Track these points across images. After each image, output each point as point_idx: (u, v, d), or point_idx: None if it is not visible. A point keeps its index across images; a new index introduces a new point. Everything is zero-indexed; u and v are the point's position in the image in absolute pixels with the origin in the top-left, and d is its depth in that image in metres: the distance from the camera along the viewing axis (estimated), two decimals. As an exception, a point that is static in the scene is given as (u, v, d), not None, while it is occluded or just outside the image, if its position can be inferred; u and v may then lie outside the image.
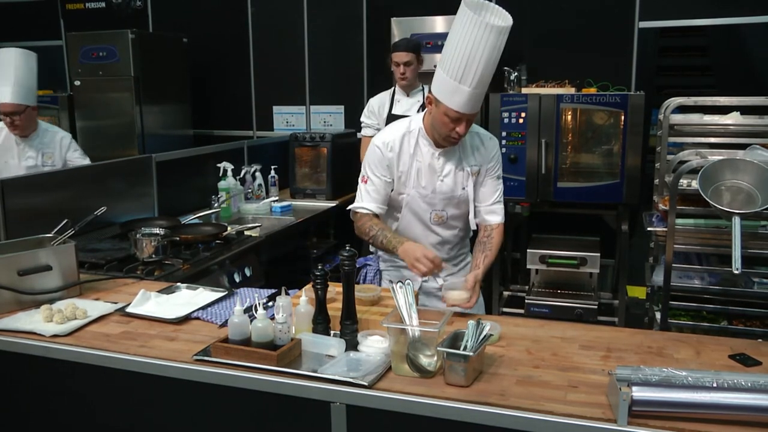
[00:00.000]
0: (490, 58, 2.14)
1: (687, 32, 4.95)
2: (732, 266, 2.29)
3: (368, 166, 2.39)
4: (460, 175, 2.37)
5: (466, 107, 2.18)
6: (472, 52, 2.11)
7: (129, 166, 3.65)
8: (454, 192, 2.38)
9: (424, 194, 2.37)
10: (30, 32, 6.07)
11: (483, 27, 2.09)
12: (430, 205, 2.39)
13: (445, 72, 2.18)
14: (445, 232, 2.45)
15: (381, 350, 1.74)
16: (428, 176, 2.35)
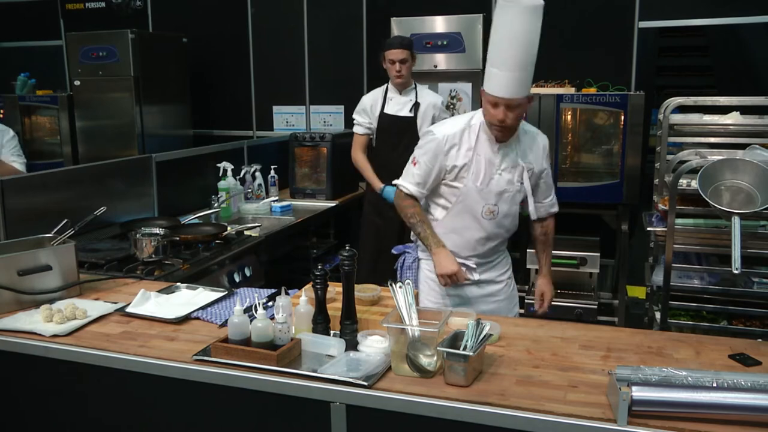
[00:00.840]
0: (518, 38, 2.19)
1: (687, 32, 4.96)
2: (732, 266, 2.30)
3: (421, 152, 2.43)
4: (516, 171, 2.42)
5: (501, 91, 2.22)
6: (501, 36, 2.22)
7: (129, 166, 3.65)
8: (509, 187, 2.42)
9: (480, 188, 2.39)
10: (30, 32, 6.07)
11: (511, 10, 2.19)
12: (484, 199, 2.41)
13: (488, 61, 2.27)
14: (493, 229, 2.47)
15: (381, 350, 1.74)
16: (486, 170, 2.39)
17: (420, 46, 4.24)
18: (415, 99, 3.79)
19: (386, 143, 3.83)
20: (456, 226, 2.46)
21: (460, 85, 4.19)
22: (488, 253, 2.53)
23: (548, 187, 2.57)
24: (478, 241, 2.46)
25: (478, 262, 2.50)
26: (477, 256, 2.49)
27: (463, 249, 2.47)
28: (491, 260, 2.55)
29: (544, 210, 2.60)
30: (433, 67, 4.24)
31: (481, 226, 2.44)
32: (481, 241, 2.47)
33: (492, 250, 2.53)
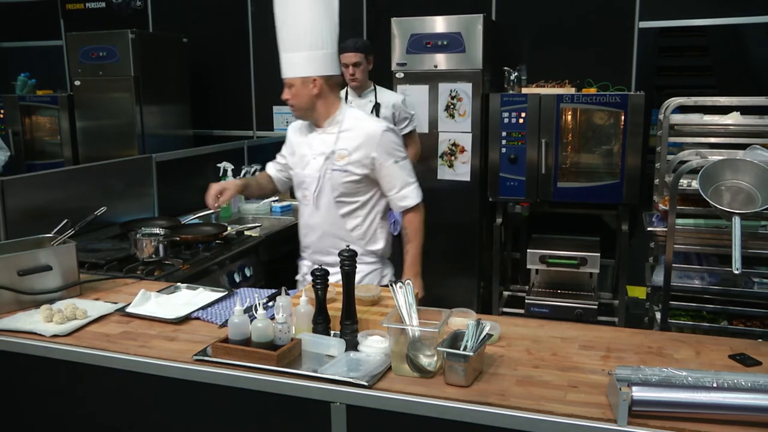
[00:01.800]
0: (287, 21, 2.43)
1: (687, 32, 4.95)
2: (732, 266, 2.29)
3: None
4: (332, 157, 2.45)
5: (282, 72, 2.46)
6: (277, 19, 2.46)
7: (129, 166, 3.66)
8: (323, 174, 2.46)
9: (298, 172, 2.54)
10: (30, 32, 6.07)
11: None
12: (299, 185, 2.56)
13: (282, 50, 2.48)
14: (315, 213, 2.52)
15: (381, 350, 1.74)
16: (304, 156, 2.54)
17: (420, 46, 4.24)
18: (375, 100, 3.81)
19: None
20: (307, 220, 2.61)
21: (460, 85, 4.19)
22: (320, 250, 2.54)
23: (393, 180, 2.49)
24: (307, 230, 2.57)
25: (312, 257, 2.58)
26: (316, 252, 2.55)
27: (304, 239, 2.61)
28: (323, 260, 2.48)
29: (394, 203, 2.54)
30: (433, 67, 4.24)
31: (308, 212, 2.53)
32: (310, 230, 2.54)
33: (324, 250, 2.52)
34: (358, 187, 2.47)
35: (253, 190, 2.81)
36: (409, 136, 3.90)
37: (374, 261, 2.60)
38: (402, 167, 2.49)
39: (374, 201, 2.53)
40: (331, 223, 2.50)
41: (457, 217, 4.36)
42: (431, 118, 4.30)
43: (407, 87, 4.30)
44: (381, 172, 2.47)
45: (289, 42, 2.38)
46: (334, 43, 2.43)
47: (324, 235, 2.52)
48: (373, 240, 2.56)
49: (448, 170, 4.31)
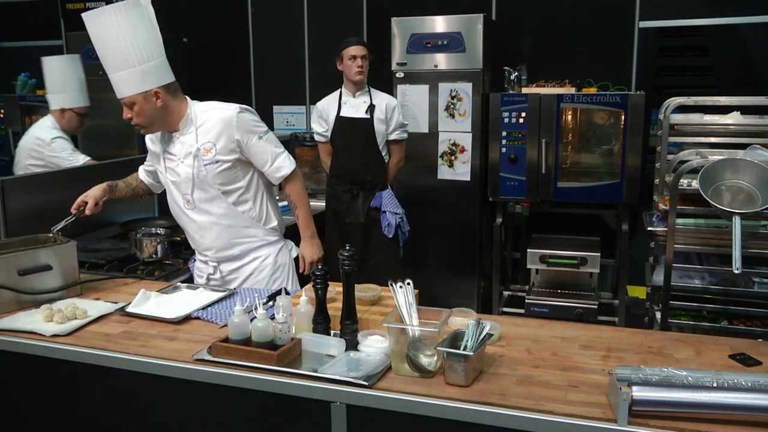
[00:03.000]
0: (104, 42, 2.35)
1: (687, 32, 4.96)
2: (732, 266, 2.29)
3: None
4: (197, 156, 2.43)
5: (117, 93, 2.40)
6: (96, 44, 2.38)
7: (129, 166, 3.65)
8: (196, 173, 2.44)
9: (170, 179, 2.51)
10: (30, 32, 6.07)
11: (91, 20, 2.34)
12: (177, 190, 2.50)
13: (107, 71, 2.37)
14: (201, 217, 2.48)
15: (381, 350, 1.74)
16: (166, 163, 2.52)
17: (420, 46, 4.24)
18: (370, 101, 3.81)
19: (344, 145, 3.86)
20: (179, 221, 2.59)
21: (460, 85, 4.18)
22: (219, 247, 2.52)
23: (263, 155, 2.49)
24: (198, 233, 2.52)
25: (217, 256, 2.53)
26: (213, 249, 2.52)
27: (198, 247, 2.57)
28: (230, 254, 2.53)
29: (271, 176, 2.54)
30: (434, 67, 4.23)
31: (192, 218, 2.50)
32: (201, 233, 2.51)
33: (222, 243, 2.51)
34: (234, 172, 2.47)
35: (122, 191, 2.72)
36: (398, 144, 3.91)
37: (277, 239, 2.61)
38: (268, 140, 2.50)
39: (255, 180, 2.53)
40: (224, 216, 2.48)
41: (457, 217, 4.36)
42: (431, 118, 4.30)
43: (407, 87, 4.30)
44: (249, 151, 2.47)
45: (117, 61, 2.32)
46: (162, 49, 2.47)
47: (222, 230, 2.49)
48: (269, 218, 2.58)
49: (448, 170, 4.31)
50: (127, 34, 2.31)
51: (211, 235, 2.49)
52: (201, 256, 2.60)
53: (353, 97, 3.85)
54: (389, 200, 3.87)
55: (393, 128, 3.85)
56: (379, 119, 3.80)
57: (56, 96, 3.74)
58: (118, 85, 2.36)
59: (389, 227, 3.84)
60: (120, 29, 2.30)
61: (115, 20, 2.29)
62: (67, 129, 3.78)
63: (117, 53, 2.31)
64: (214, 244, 2.51)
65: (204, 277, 2.59)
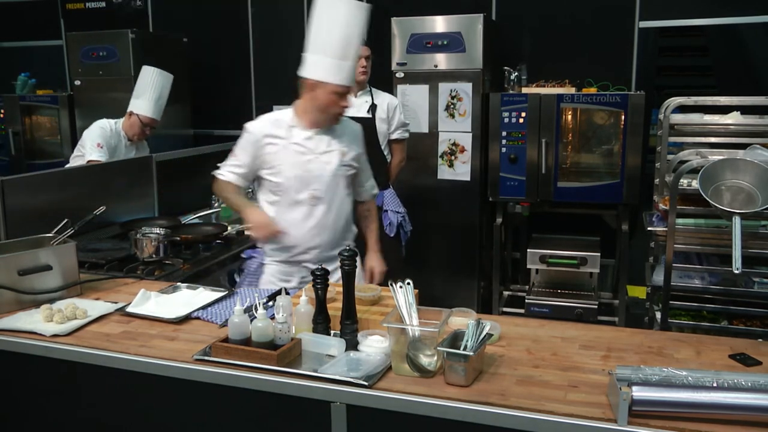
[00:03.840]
0: (359, 32, 2.42)
1: (687, 32, 4.95)
2: (732, 266, 2.29)
3: (238, 145, 2.58)
4: (333, 155, 2.53)
5: (350, 80, 2.44)
6: (348, 31, 2.39)
7: (129, 166, 3.66)
8: (328, 170, 2.52)
9: (301, 174, 2.49)
10: (30, 32, 6.06)
11: (352, 6, 2.39)
12: (306, 185, 2.50)
13: (324, 55, 2.40)
14: (319, 213, 2.53)
15: (381, 350, 1.74)
16: (304, 156, 2.51)
17: (420, 46, 4.24)
18: (372, 100, 3.81)
19: None
20: (288, 220, 2.52)
21: (460, 84, 4.18)
22: (327, 244, 2.56)
23: (367, 171, 2.71)
24: (311, 231, 2.52)
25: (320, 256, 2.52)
26: (319, 248, 2.54)
27: (302, 243, 2.53)
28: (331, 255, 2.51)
29: (367, 194, 2.75)
30: (434, 67, 4.23)
31: (309, 213, 2.52)
32: (314, 231, 2.53)
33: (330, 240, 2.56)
34: (349, 181, 2.63)
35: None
36: (400, 143, 3.91)
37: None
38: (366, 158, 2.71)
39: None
40: (342, 218, 2.60)
41: (457, 216, 4.36)
42: (431, 118, 4.30)
43: (407, 87, 4.30)
44: (362, 165, 2.66)
45: (350, 50, 2.41)
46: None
47: (336, 232, 2.58)
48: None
49: (448, 170, 4.31)
50: (358, 30, 2.42)
51: (325, 235, 2.55)
52: (294, 257, 2.56)
53: (355, 97, 3.84)
54: (391, 199, 3.87)
55: (395, 128, 3.85)
56: (381, 119, 3.80)
57: (133, 100, 3.93)
58: (347, 72, 2.43)
59: (391, 226, 3.83)
60: (356, 23, 2.41)
61: (356, 14, 2.41)
62: (128, 132, 3.89)
63: (349, 44, 2.40)
64: (324, 242, 2.55)
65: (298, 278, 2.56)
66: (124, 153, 3.92)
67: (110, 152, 3.83)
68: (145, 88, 3.93)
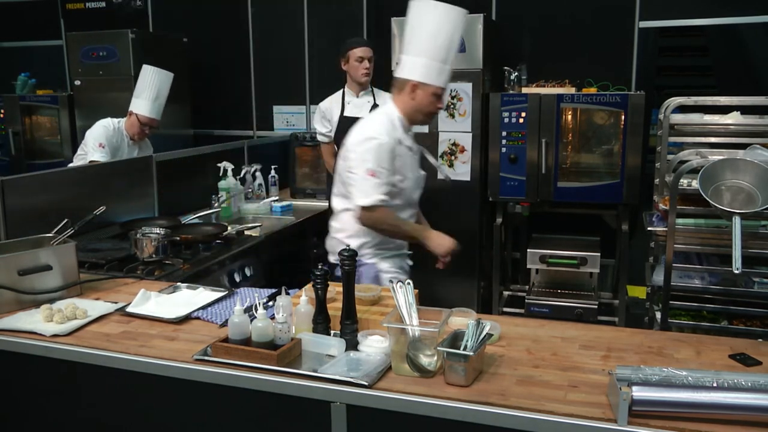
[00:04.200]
0: (459, 37, 2.56)
1: (687, 32, 4.94)
2: (732, 266, 2.29)
3: (375, 161, 2.46)
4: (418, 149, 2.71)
5: (446, 81, 2.55)
6: (451, 35, 2.48)
7: (129, 166, 3.66)
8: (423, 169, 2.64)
9: (416, 177, 2.59)
10: (30, 32, 6.06)
11: (454, 11, 2.48)
12: (418, 185, 2.63)
13: (427, 57, 2.48)
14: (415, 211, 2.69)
15: (381, 350, 1.74)
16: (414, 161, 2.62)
17: (420, 46, 4.23)
18: (374, 100, 3.80)
19: None
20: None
21: (460, 84, 4.18)
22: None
23: None
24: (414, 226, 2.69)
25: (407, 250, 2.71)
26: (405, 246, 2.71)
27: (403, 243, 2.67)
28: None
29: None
30: (434, 67, 4.23)
31: (415, 211, 2.67)
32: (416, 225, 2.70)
33: None
34: None
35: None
36: None
37: None
38: None
39: None
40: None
41: (457, 217, 4.35)
42: (431, 118, 4.29)
43: (407, 87, 4.29)
44: None
45: (451, 54, 2.53)
46: None
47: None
48: None
49: (449, 170, 4.31)
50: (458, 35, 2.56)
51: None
52: (402, 251, 2.73)
53: (357, 97, 3.84)
54: None
55: None
56: None
57: (133, 99, 3.95)
58: (447, 75, 2.55)
59: None
60: (458, 28, 2.53)
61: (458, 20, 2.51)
62: (129, 131, 3.93)
63: (451, 48, 2.51)
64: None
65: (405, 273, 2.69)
66: (127, 152, 3.94)
67: (113, 151, 3.85)
68: (143, 88, 3.94)
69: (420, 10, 2.48)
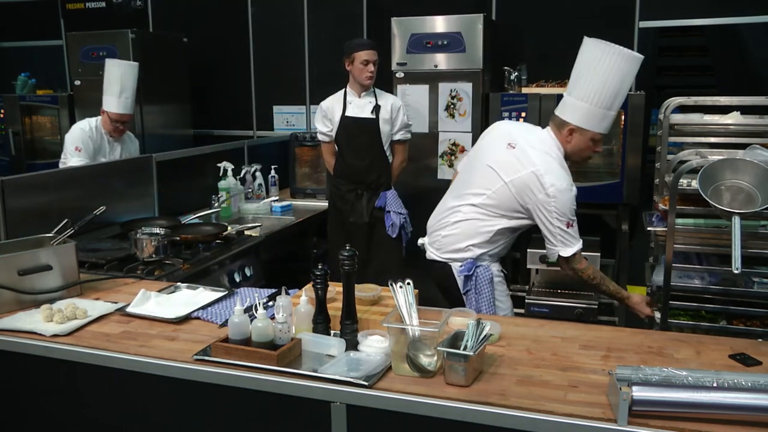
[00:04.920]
0: (629, 85, 2.46)
1: (686, 32, 4.95)
2: (732, 266, 2.29)
3: (570, 210, 2.49)
4: None
5: (608, 128, 2.50)
6: (622, 86, 2.41)
7: (129, 166, 3.66)
8: None
9: None
10: (30, 32, 6.07)
11: (630, 60, 2.40)
12: None
13: (591, 104, 2.44)
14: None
15: (381, 350, 1.74)
16: None
17: (420, 46, 4.24)
18: (375, 101, 3.81)
19: (349, 146, 3.85)
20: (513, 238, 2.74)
21: (460, 85, 4.18)
22: None
23: None
24: None
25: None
26: None
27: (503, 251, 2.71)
28: None
29: None
30: (434, 67, 4.23)
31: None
32: None
33: None
34: None
35: None
36: (401, 144, 3.92)
37: None
38: None
39: None
40: None
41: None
42: (431, 118, 4.30)
43: (407, 87, 4.30)
44: None
45: (609, 101, 2.43)
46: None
47: None
48: None
49: (448, 170, 4.31)
50: (629, 83, 2.46)
51: None
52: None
53: (358, 98, 3.84)
54: (393, 200, 3.87)
55: (397, 129, 3.86)
56: (384, 119, 3.80)
57: (103, 96, 3.90)
58: (610, 121, 2.48)
59: (393, 227, 3.84)
60: (630, 77, 2.44)
61: (631, 68, 2.42)
62: (105, 129, 3.90)
63: (618, 96, 2.43)
64: None
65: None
66: (108, 150, 3.90)
67: (93, 152, 3.82)
68: (108, 84, 3.88)
69: (593, 53, 2.41)
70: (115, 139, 3.94)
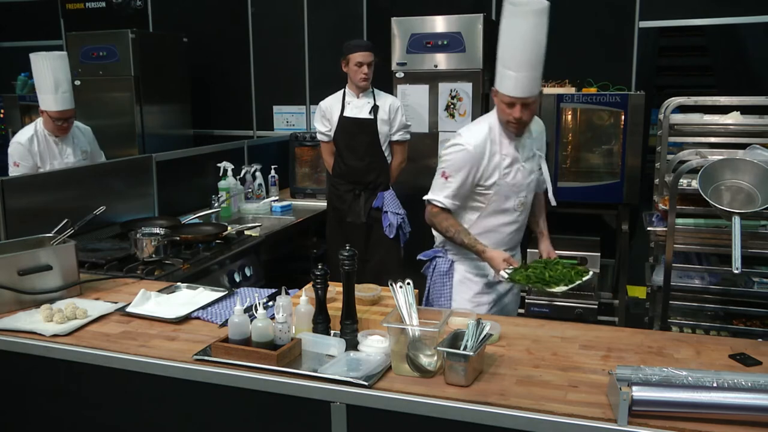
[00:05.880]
0: (528, 40, 2.33)
1: (686, 32, 4.94)
2: (732, 266, 2.29)
3: (452, 166, 2.46)
4: (534, 160, 2.58)
5: (517, 91, 2.36)
6: (512, 38, 2.36)
7: (129, 166, 3.66)
8: (532, 177, 2.56)
9: (511, 183, 2.49)
10: (30, 32, 6.06)
11: (519, 12, 2.32)
12: (516, 194, 2.52)
13: (502, 65, 2.42)
14: (520, 217, 2.61)
15: (381, 350, 1.74)
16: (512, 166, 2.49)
17: (420, 46, 4.24)
18: (374, 101, 3.81)
19: (348, 145, 3.85)
20: (489, 225, 2.56)
21: (460, 84, 4.18)
22: (517, 243, 2.69)
23: (544, 163, 2.68)
24: (513, 233, 2.61)
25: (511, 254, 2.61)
26: (510, 249, 2.63)
27: (499, 245, 2.56)
28: (516, 250, 2.73)
29: (543, 186, 2.71)
30: (434, 67, 4.23)
31: (514, 219, 2.58)
32: (515, 233, 2.62)
33: (519, 240, 2.69)
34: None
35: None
36: (401, 144, 3.91)
37: None
38: None
39: None
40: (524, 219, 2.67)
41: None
42: (431, 118, 4.30)
43: (407, 87, 4.30)
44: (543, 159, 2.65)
45: (533, 61, 2.35)
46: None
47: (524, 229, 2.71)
48: None
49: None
50: (541, 38, 2.35)
51: (520, 233, 2.67)
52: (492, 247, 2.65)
53: (357, 98, 3.84)
54: (391, 201, 3.87)
55: (396, 129, 3.86)
56: (383, 120, 3.80)
57: (38, 95, 3.59)
58: (526, 85, 2.37)
59: (390, 227, 3.83)
60: (538, 32, 2.33)
61: (536, 22, 2.32)
62: (49, 130, 3.61)
63: (534, 54, 2.35)
64: (518, 240, 2.68)
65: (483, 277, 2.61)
66: (58, 152, 3.63)
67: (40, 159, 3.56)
68: (40, 81, 3.57)
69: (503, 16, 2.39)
70: (62, 138, 3.64)
